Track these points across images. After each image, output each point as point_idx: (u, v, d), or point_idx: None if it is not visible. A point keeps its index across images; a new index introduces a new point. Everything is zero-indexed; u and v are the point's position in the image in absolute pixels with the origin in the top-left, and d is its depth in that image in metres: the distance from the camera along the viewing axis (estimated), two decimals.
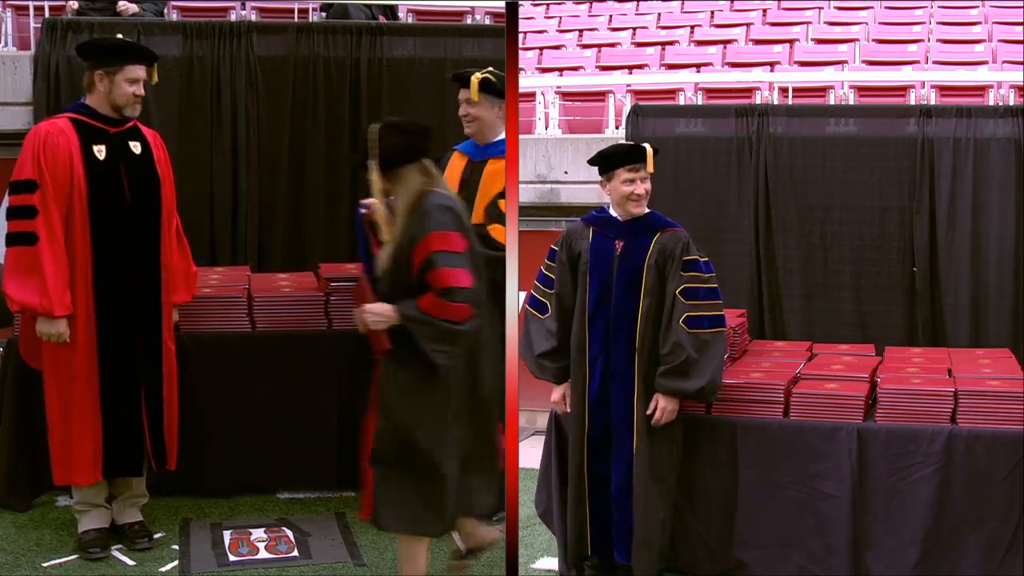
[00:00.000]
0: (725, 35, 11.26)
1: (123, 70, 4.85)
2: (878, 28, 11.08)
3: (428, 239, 4.01)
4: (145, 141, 5.01)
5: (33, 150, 4.76)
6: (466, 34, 6.37)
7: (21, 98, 6.46)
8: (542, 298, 4.79)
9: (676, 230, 4.66)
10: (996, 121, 5.87)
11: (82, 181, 4.78)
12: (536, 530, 5.06)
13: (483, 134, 5.20)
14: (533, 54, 11.01)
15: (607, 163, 4.69)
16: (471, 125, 5.19)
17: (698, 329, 4.53)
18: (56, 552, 4.97)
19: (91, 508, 4.99)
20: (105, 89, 4.87)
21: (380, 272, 4.12)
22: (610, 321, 4.63)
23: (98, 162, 4.84)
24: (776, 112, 6.16)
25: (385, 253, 4.11)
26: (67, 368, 4.82)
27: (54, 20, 6.09)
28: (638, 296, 4.59)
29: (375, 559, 4.98)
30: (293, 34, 6.13)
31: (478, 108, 5.14)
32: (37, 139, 4.79)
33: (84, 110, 4.90)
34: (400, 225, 4.08)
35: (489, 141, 5.20)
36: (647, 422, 4.57)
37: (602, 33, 11.72)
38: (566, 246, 4.76)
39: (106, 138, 4.89)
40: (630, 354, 4.59)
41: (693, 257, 4.59)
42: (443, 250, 4.02)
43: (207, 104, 6.00)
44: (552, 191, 7.73)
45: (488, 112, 5.16)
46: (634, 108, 6.39)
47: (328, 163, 6.01)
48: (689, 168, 6.14)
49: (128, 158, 4.93)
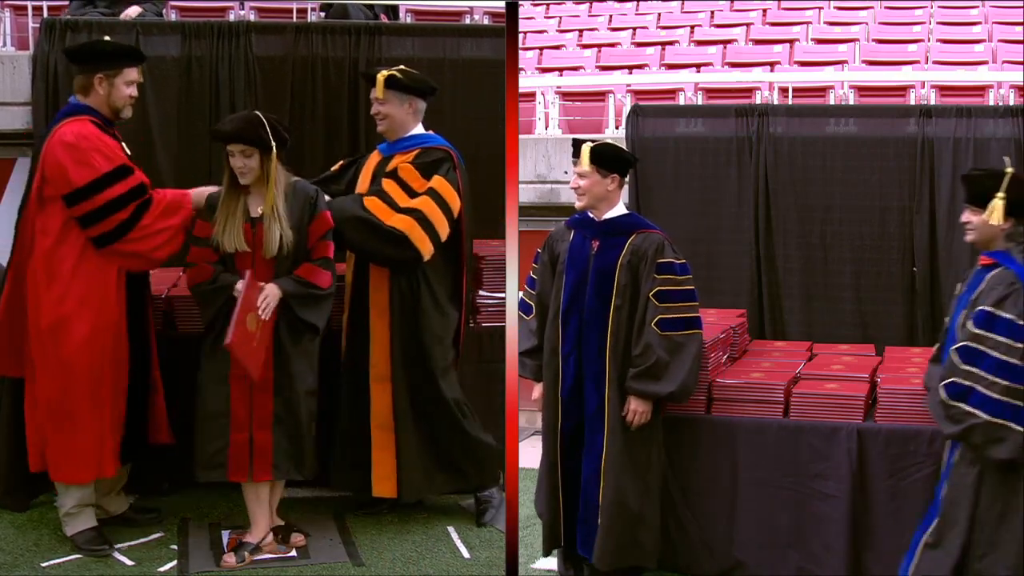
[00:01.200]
0: (725, 35, 11.25)
1: (122, 73, 4.91)
2: (878, 28, 11.07)
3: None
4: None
5: (92, 146, 4.79)
6: (465, 34, 6.34)
7: (20, 98, 6.44)
8: (528, 299, 4.84)
9: (651, 232, 4.65)
10: (996, 121, 5.85)
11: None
12: (536, 530, 5.06)
13: (394, 131, 5.19)
14: (533, 54, 11.01)
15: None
16: (382, 123, 5.19)
17: (671, 331, 4.54)
18: (55, 552, 4.97)
19: (83, 509, 5.00)
20: (105, 92, 4.91)
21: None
22: (583, 319, 4.64)
23: (129, 158, 4.94)
24: (776, 112, 6.15)
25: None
26: (101, 364, 4.84)
27: (53, 20, 6.05)
28: (610, 296, 4.60)
29: (373, 559, 4.98)
30: (292, 34, 6.10)
31: (387, 106, 5.14)
32: (89, 139, 4.81)
33: (90, 111, 4.92)
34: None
35: (399, 137, 5.19)
36: (621, 420, 4.58)
37: (602, 33, 11.72)
38: (548, 248, 4.81)
39: (118, 140, 4.97)
40: (601, 352, 4.60)
41: (668, 260, 4.58)
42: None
43: (206, 104, 5.97)
44: (552, 191, 7.72)
45: (398, 109, 5.15)
46: (634, 108, 6.38)
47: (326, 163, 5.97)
48: (689, 168, 6.13)
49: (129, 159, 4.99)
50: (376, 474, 5.20)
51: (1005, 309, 3.92)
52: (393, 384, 5.16)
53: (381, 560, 4.97)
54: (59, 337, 4.80)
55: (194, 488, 5.28)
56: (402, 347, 5.15)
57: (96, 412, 4.84)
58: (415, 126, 5.23)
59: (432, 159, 5.11)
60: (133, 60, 4.98)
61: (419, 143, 5.19)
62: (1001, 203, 3.98)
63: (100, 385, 4.85)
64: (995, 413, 3.92)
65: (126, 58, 4.95)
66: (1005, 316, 3.92)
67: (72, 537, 4.99)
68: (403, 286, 5.12)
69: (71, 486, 4.96)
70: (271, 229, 4.81)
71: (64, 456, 4.87)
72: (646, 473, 4.65)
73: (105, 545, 4.98)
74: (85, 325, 4.79)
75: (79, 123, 4.86)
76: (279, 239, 4.81)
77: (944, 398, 4.01)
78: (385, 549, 5.07)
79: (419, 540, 5.18)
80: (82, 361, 4.80)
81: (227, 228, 4.83)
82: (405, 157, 5.14)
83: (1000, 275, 4.00)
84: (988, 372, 3.92)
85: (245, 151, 4.80)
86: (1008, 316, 3.91)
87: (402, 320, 5.13)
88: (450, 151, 5.17)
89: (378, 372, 5.17)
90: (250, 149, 4.80)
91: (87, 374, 4.82)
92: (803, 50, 10.58)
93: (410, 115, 5.20)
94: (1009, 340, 3.91)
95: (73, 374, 4.81)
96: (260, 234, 4.82)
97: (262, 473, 4.87)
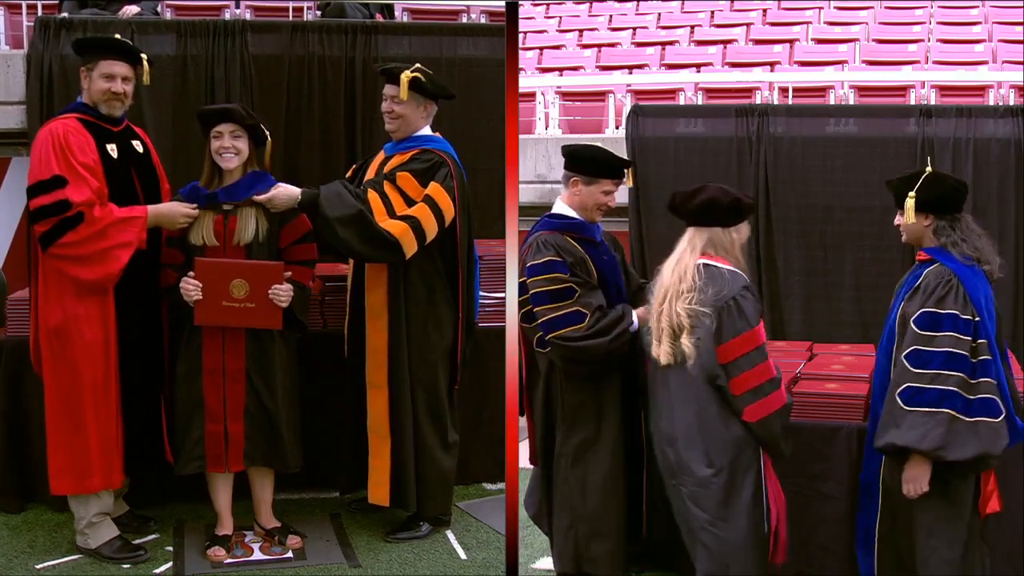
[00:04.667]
0: (725, 35, 11.26)
1: (98, 65, 4.81)
2: (878, 28, 11.08)
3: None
4: (143, 140, 5.02)
5: (56, 146, 4.67)
6: (462, 33, 6.33)
7: (14, 97, 6.44)
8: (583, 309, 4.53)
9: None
10: (996, 121, 5.85)
11: (103, 179, 4.75)
12: (536, 530, 5.04)
13: (403, 132, 5.12)
14: (533, 54, 11.02)
15: (598, 169, 4.63)
16: (394, 123, 5.09)
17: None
18: (50, 554, 4.95)
19: (103, 518, 4.92)
20: (87, 85, 4.85)
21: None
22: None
23: (113, 160, 4.82)
24: (776, 112, 6.13)
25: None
26: (93, 373, 4.74)
27: (47, 19, 6.04)
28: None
29: (370, 560, 4.96)
30: (288, 33, 6.08)
31: (404, 107, 5.06)
32: (56, 136, 4.69)
33: (85, 109, 4.86)
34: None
35: (406, 137, 5.13)
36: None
37: (602, 33, 11.73)
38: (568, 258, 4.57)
39: (113, 137, 4.87)
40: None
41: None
42: None
43: (201, 103, 5.91)
44: (552, 191, 7.70)
45: (413, 111, 5.08)
46: (634, 108, 6.36)
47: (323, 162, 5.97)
48: (689, 168, 6.10)
49: (135, 157, 4.93)
50: (371, 480, 5.16)
51: (946, 306, 3.98)
52: (389, 391, 5.10)
53: (378, 561, 4.95)
54: (65, 339, 4.73)
55: (189, 490, 5.25)
56: (398, 354, 5.08)
57: (102, 419, 4.77)
58: (424, 128, 5.16)
59: (429, 164, 5.01)
60: (109, 52, 4.83)
61: (418, 144, 5.11)
62: (912, 202, 4.10)
63: (106, 391, 4.77)
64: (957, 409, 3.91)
65: (100, 50, 4.84)
66: (948, 312, 3.97)
67: (98, 549, 4.89)
68: (399, 290, 5.05)
69: (91, 497, 4.85)
70: (246, 217, 4.78)
71: (70, 463, 4.77)
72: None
73: (140, 551, 4.92)
74: (90, 328, 4.72)
75: (61, 120, 4.80)
76: (255, 227, 4.78)
77: (901, 404, 3.99)
78: (382, 550, 5.05)
79: (416, 541, 5.15)
80: (87, 364, 4.73)
81: (196, 221, 4.80)
82: (404, 157, 5.09)
83: (936, 271, 4.07)
84: (942, 369, 3.94)
85: (235, 131, 4.78)
86: (951, 311, 3.97)
87: (398, 326, 5.06)
88: (447, 156, 5.08)
89: (373, 379, 5.11)
90: (240, 130, 4.79)
91: (90, 378, 4.74)
92: (803, 50, 10.58)
93: (423, 118, 5.13)
94: (955, 334, 3.96)
95: (79, 376, 4.74)
96: (232, 225, 4.79)
97: (236, 463, 4.88)
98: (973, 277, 4.04)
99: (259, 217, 4.82)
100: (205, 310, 4.72)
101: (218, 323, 4.75)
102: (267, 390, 4.86)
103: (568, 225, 4.61)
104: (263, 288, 4.73)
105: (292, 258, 4.90)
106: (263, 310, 4.74)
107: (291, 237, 4.90)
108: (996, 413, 3.92)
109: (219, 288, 4.70)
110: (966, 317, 3.96)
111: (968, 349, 3.94)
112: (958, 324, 3.96)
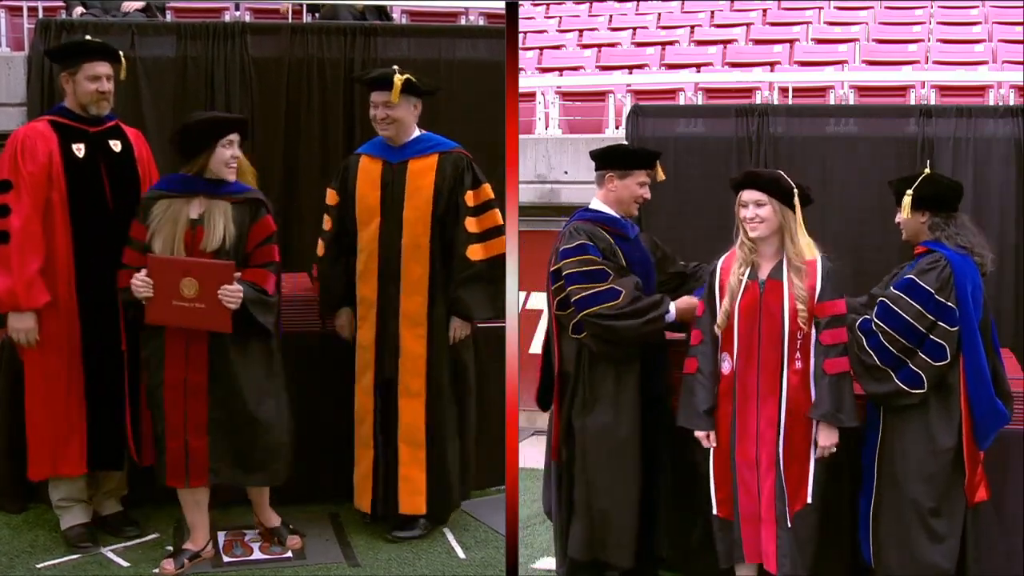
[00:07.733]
0: (725, 35, 11.26)
1: (81, 68, 4.89)
2: (878, 28, 11.07)
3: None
4: (126, 139, 5.05)
5: (10, 151, 4.80)
6: (460, 35, 6.34)
7: (15, 99, 6.45)
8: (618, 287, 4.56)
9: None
10: (996, 121, 5.86)
11: (61, 179, 4.84)
12: (536, 530, 5.05)
13: (401, 135, 5.13)
14: (533, 54, 11.01)
15: (631, 161, 4.69)
16: (389, 128, 5.09)
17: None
18: (50, 553, 4.97)
19: (73, 504, 5.03)
20: (71, 89, 4.93)
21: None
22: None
23: (77, 160, 4.88)
24: (776, 112, 6.13)
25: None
26: (51, 363, 4.87)
27: (48, 21, 6.06)
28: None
29: (369, 560, 4.96)
30: (287, 35, 6.09)
31: (398, 110, 5.06)
32: (15, 141, 4.83)
33: (63, 112, 4.96)
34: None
35: (404, 141, 5.14)
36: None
37: (602, 33, 11.73)
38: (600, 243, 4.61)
39: (85, 137, 4.93)
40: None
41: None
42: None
43: (201, 105, 5.94)
44: (552, 191, 7.70)
45: (407, 113, 5.10)
46: (634, 108, 6.35)
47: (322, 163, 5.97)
48: (689, 168, 6.09)
49: (108, 156, 4.97)
50: (404, 490, 5.13)
51: (926, 280, 4.26)
52: (427, 399, 5.08)
53: (377, 561, 4.95)
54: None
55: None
56: (438, 362, 5.08)
57: (44, 407, 4.89)
58: (415, 128, 5.18)
59: (467, 166, 5.07)
60: (91, 55, 4.90)
61: (433, 146, 5.13)
62: (909, 199, 4.37)
63: (65, 381, 4.89)
64: (884, 361, 4.25)
65: (83, 53, 4.91)
66: (925, 287, 4.25)
67: (64, 532, 5.03)
68: (437, 296, 5.06)
69: (59, 483, 5.00)
70: (214, 223, 4.71)
71: (33, 450, 4.96)
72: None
73: (90, 544, 5.00)
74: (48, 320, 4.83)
75: (29, 125, 4.96)
76: (223, 233, 4.71)
77: (859, 337, 4.29)
78: (381, 550, 5.06)
79: (415, 540, 5.15)
80: (46, 355, 4.86)
81: (164, 231, 4.70)
82: (424, 161, 5.08)
83: (930, 256, 4.34)
84: (894, 330, 4.25)
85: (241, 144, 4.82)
86: (927, 288, 4.24)
87: (440, 333, 5.07)
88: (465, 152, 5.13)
89: (410, 386, 5.08)
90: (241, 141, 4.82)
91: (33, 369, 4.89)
92: (803, 50, 10.58)
93: (414, 117, 5.15)
94: (921, 308, 4.23)
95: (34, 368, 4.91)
96: (200, 235, 4.71)
97: (197, 478, 4.77)
98: (963, 264, 4.26)
99: (227, 224, 4.73)
100: (155, 309, 4.64)
101: (168, 322, 4.67)
102: (237, 404, 4.75)
103: (601, 218, 4.66)
104: (213, 288, 4.59)
105: (252, 261, 4.79)
106: (212, 311, 4.61)
107: (254, 240, 4.80)
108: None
109: (170, 286, 4.61)
110: (939, 298, 4.21)
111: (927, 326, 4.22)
112: (926, 300, 4.22)
